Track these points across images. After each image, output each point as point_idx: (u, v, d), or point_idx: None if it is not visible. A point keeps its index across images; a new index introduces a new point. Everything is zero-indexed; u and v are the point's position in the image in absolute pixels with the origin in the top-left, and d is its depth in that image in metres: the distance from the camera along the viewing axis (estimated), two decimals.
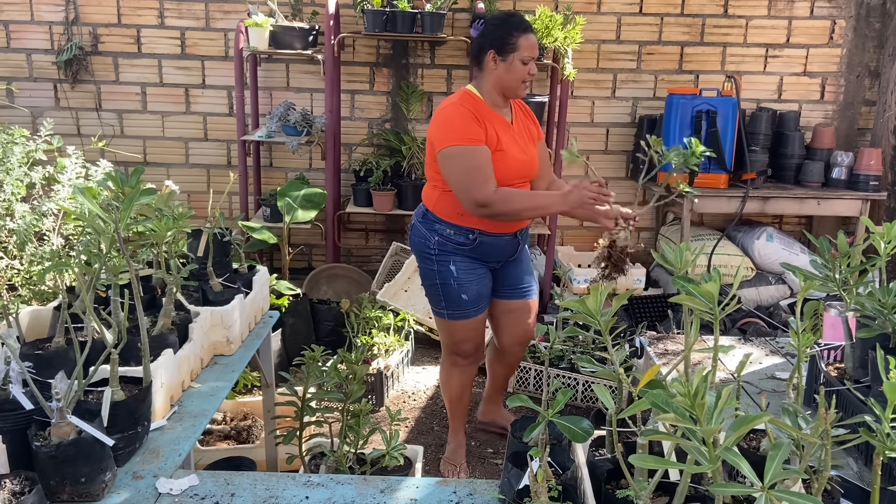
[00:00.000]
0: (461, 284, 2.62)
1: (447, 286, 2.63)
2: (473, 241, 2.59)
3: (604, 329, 1.36)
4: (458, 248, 2.60)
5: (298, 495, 1.55)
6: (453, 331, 2.74)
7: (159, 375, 1.75)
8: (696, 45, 4.58)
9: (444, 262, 2.62)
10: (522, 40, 2.48)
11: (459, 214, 2.56)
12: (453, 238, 2.59)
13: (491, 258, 2.67)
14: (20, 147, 3.76)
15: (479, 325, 2.75)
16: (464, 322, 2.70)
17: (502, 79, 2.52)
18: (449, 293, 2.64)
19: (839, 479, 1.41)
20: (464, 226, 2.57)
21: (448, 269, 2.61)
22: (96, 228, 1.56)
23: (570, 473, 1.45)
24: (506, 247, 2.67)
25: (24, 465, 1.43)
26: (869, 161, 4.23)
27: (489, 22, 2.58)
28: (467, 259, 2.63)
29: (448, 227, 2.59)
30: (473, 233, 2.58)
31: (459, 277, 2.62)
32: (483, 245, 2.61)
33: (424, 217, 2.66)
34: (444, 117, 2.51)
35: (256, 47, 4.10)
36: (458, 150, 2.43)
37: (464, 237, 2.58)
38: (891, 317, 1.71)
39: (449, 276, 2.62)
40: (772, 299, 4.33)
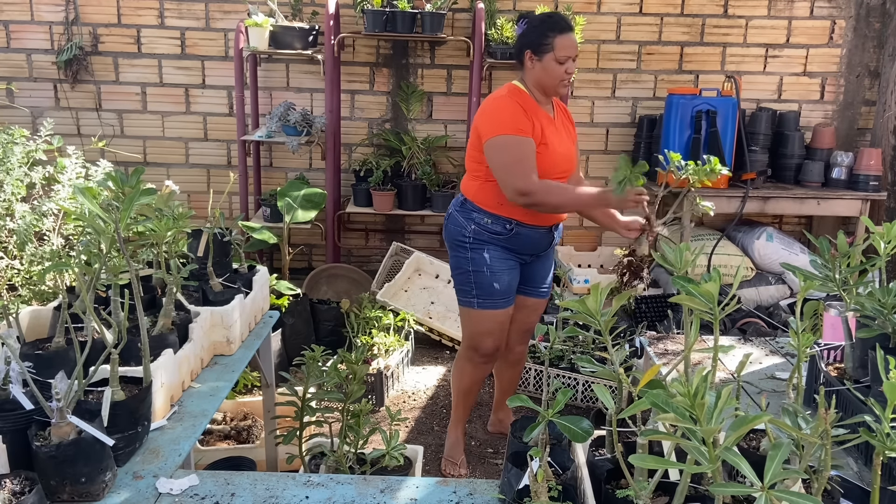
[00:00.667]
0: (494, 273, 2.66)
1: (480, 274, 2.67)
2: (510, 231, 2.64)
3: (604, 329, 1.36)
4: (494, 237, 2.64)
5: (298, 495, 1.55)
6: (480, 321, 2.74)
7: (159, 375, 1.75)
8: (696, 45, 4.58)
9: (479, 250, 2.66)
10: (559, 41, 2.53)
11: (499, 204, 2.61)
12: (490, 227, 2.64)
13: (525, 250, 2.71)
14: (20, 147, 3.76)
15: (504, 319, 2.77)
16: (492, 313, 2.72)
17: (540, 77, 2.58)
18: (481, 281, 2.68)
19: (839, 479, 1.41)
20: (502, 215, 2.62)
21: (482, 257, 2.66)
22: (96, 228, 1.56)
23: (570, 473, 1.45)
24: (541, 240, 2.72)
25: (24, 465, 1.43)
26: (869, 161, 4.23)
27: (530, 22, 2.64)
28: (501, 249, 2.67)
29: (486, 216, 2.64)
30: (511, 223, 2.63)
31: (493, 265, 2.66)
32: (519, 236, 2.65)
33: (462, 206, 2.70)
34: (493, 108, 2.57)
35: (256, 47, 4.10)
36: (506, 140, 2.49)
37: (501, 226, 2.63)
38: (891, 317, 1.71)
39: (482, 264, 2.66)
40: (772, 299, 4.33)
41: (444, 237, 2.81)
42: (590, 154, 4.70)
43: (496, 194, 2.61)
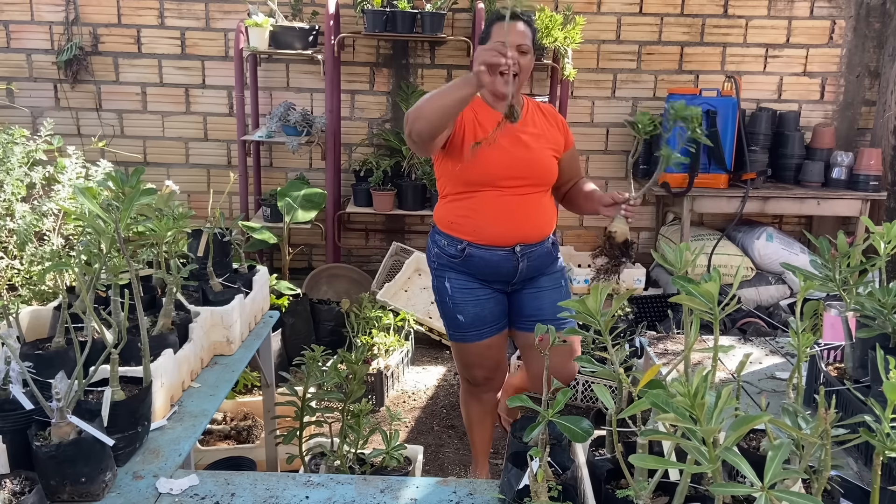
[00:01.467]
0: (456, 304, 2.40)
1: (444, 304, 2.44)
2: (462, 252, 2.35)
3: (604, 329, 1.36)
4: (451, 261, 2.39)
5: (298, 495, 1.55)
6: (458, 353, 2.54)
7: (159, 375, 1.75)
8: (696, 45, 4.58)
9: (441, 278, 2.42)
10: (495, 29, 2.29)
11: (450, 222, 2.37)
12: (447, 250, 2.38)
13: (486, 276, 2.39)
14: (20, 147, 3.76)
15: (484, 352, 2.47)
16: (463, 346, 2.47)
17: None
18: (445, 312, 2.45)
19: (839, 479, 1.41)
20: (454, 235, 2.36)
21: (444, 286, 2.41)
22: (96, 228, 1.56)
23: (570, 473, 1.45)
24: (500, 264, 2.35)
25: (24, 465, 1.43)
26: (869, 161, 4.23)
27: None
28: (462, 276, 2.40)
29: (442, 238, 2.40)
30: (461, 243, 2.34)
31: (454, 296, 2.40)
32: (472, 259, 2.35)
33: (433, 228, 2.49)
34: None
35: (256, 47, 4.11)
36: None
37: (454, 248, 2.36)
38: (891, 317, 1.71)
39: (444, 294, 2.42)
40: (772, 299, 4.33)
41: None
42: (590, 154, 4.70)
43: (447, 210, 2.38)
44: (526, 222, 2.35)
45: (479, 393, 2.60)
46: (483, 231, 2.32)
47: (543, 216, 2.41)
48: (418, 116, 2.10)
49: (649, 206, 4.82)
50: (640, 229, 4.86)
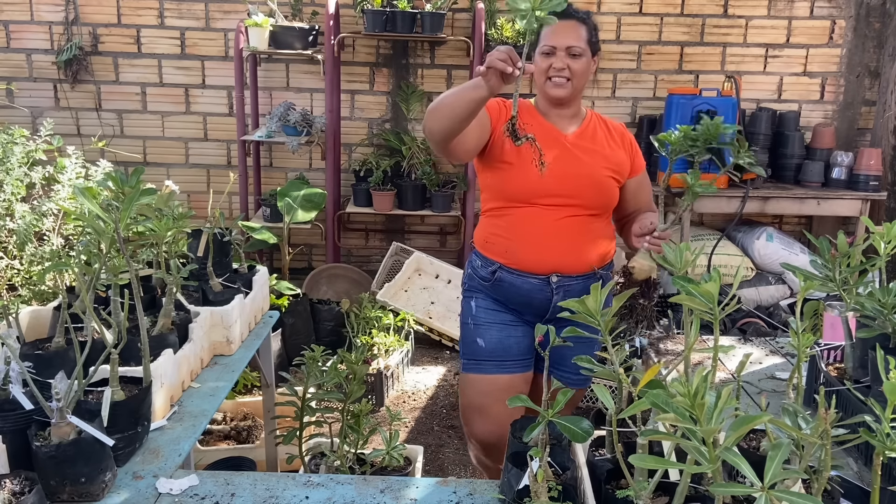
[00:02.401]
0: (478, 325, 2.17)
1: (465, 326, 2.22)
2: (493, 275, 2.14)
3: (604, 329, 1.36)
4: (482, 284, 2.19)
5: (298, 495, 1.55)
6: (465, 389, 2.23)
7: (159, 375, 1.75)
8: (696, 45, 4.58)
9: (469, 298, 2.23)
10: (546, 29, 2.05)
11: (485, 241, 2.18)
12: (479, 271, 2.19)
13: (516, 304, 2.16)
14: (20, 147, 3.76)
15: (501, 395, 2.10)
16: (476, 378, 2.17)
17: (536, 79, 2.13)
18: (465, 335, 2.22)
19: (839, 479, 1.41)
20: (487, 256, 2.16)
21: (469, 306, 2.22)
22: (96, 228, 1.56)
23: (570, 473, 1.45)
24: (532, 294, 2.11)
25: (24, 465, 1.43)
26: (869, 161, 4.23)
27: None
28: (490, 301, 2.19)
29: (478, 258, 2.21)
30: (493, 265, 2.14)
31: (478, 316, 2.18)
32: (502, 284, 2.13)
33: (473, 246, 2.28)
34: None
35: (256, 47, 4.11)
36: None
37: (486, 271, 2.16)
38: (891, 317, 1.71)
39: (468, 314, 2.21)
40: (772, 299, 4.33)
41: None
42: None
43: (486, 228, 2.18)
44: (566, 249, 2.09)
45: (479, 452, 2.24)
46: (516, 253, 2.09)
47: (590, 245, 2.12)
48: (432, 114, 1.95)
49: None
50: None
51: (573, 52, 2.05)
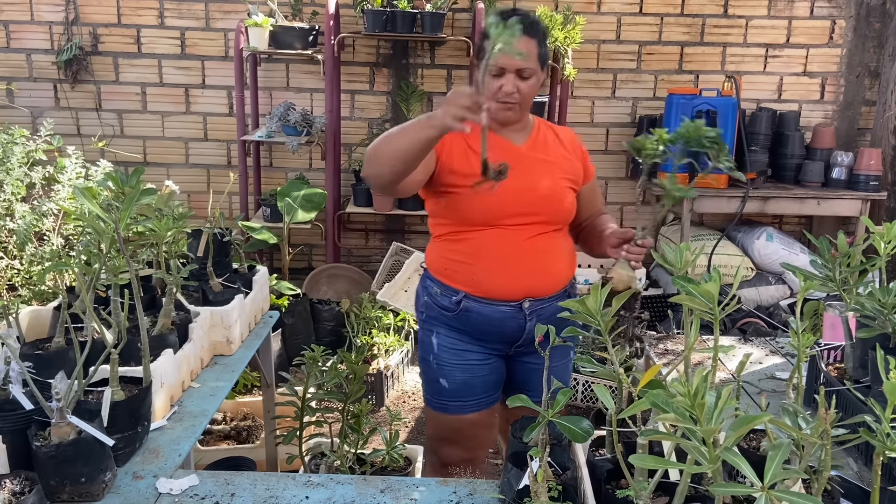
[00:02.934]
0: (440, 365, 2.00)
1: (425, 363, 2.04)
2: (458, 305, 1.95)
3: (604, 329, 1.36)
4: (444, 314, 1.98)
5: (298, 495, 1.55)
6: (430, 423, 2.11)
7: (159, 375, 1.75)
8: (696, 45, 4.58)
9: (428, 332, 2.02)
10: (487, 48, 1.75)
11: (444, 268, 1.98)
12: (439, 300, 1.98)
13: (485, 336, 1.98)
14: (20, 147, 3.76)
15: (462, 427, 2.03)
16: (439, 416, 2.05)
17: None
18: (426, 372, 2.05)
19: (839, 479, 1.41)
20: (448, 284, 1.96)
21: (430, 342, 2.01)
22: (96, 228, 1.56)
23: (570, 473, 1.45)
24: (504, 322, 1.95)
25: (24, 465, 1.43)
26: (869, 161, 4.23)
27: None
28: (454, 333, 1.99)
29: (435, 285, 1.99)
30: (457, 294, 1.94)
31: (439, 356, 2.00)
32: (469, 314, 1.94)
33: (424, 272, 2.09)
34: None
35: (256, 47, 4.10)
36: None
37: (448, 300, 1.96)
38: (891, 317, 1.70)
39: (429, 351, 2.02)
40: (772, 299, 4.33)
41: None
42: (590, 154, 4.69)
43: (440, 252, 1.99)
44: (537, 270, 1.95)
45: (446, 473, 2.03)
46: (483, 281, 1.92)
47: (560, 262, 2.01)
48: (377, 159, 1.76)
49: (649, 207, 4.81)
50: None
51: (523, 75, 1.87)
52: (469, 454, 2.07)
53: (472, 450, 2.09)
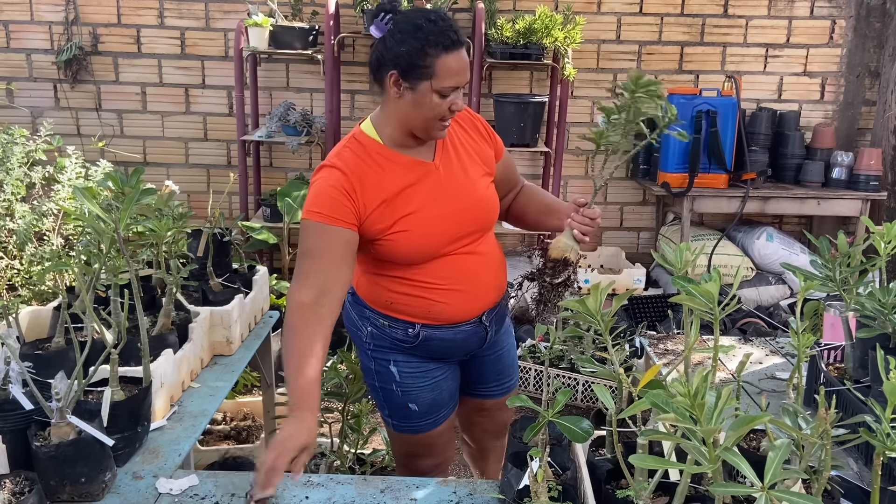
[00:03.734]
0: (406, 392, 1.91)
1: (388, 392, 1.93)
2: (415, 337, 1.85)
3: (604, 329, 1.36)
4: (398, 343, 1.87)
5: (298, 495, 1.55)
6: (400, 444, 2.04)
7: (159, 375, 1.75)
8: (696, 45, 4.58)
9: (383, 361, 1.90)
10: (442, 62, 1.63)
11: (389, 302, 1.84)
12: (389, 332, 1.86)
13: (449, 355, 1.94)
14: (20, 147, 3.76)
15: (433, 441, 2.01)
16: (413, 437, 1.98)
17: (408, 115, 1.71)
18: (391, 400, 1.93)
19: (839, 479, 1.41)
20: (399, 318, 1.84)
21: (388, 371, 1.90)
22: (96, 228, 1.56)
23: (570, 473, 1.45)
24: (468, 339, 1.91)
25: (24, 465, 1.43)
26: (869, 161, 4.23)
27: (398, 24, 1.68)
28: (414, 359, 1.89)
29: (381, 318, 1.86)
30: (414, 327, 1.84)
31: (404, 383, 1.90)
32: (431, 343, 1.86)
33: (353, 298, 1.93)
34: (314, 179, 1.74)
35: (256, 47, 4.10)
36: (306, 224, 1.69)
37: (402, 332, 1.85)
38: (891, 317, 1.71)
39: (390, 380, 1.91)
40: (772, 299, 4.33)
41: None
42: (590, 154, 4.70)
43: (383, 290, 1.84)
44: (490, 282, 1.89)
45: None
46: (443, 311, 1.83)
47: (500, 263, 1.95)
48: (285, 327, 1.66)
49: (649, 206, 4.82)
50: (640, 229, 4.86)
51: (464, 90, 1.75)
52: (441, 458, 2.06)
53: (444, 453, 2.07)
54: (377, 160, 1.74)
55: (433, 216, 1.76)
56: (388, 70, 1.67)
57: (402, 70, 1.66)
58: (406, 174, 1.75)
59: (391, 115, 1.74)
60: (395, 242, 1.75)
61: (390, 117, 1.75)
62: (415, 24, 1.65)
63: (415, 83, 1.66)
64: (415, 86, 1.66)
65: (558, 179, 4.43)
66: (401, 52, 1.64)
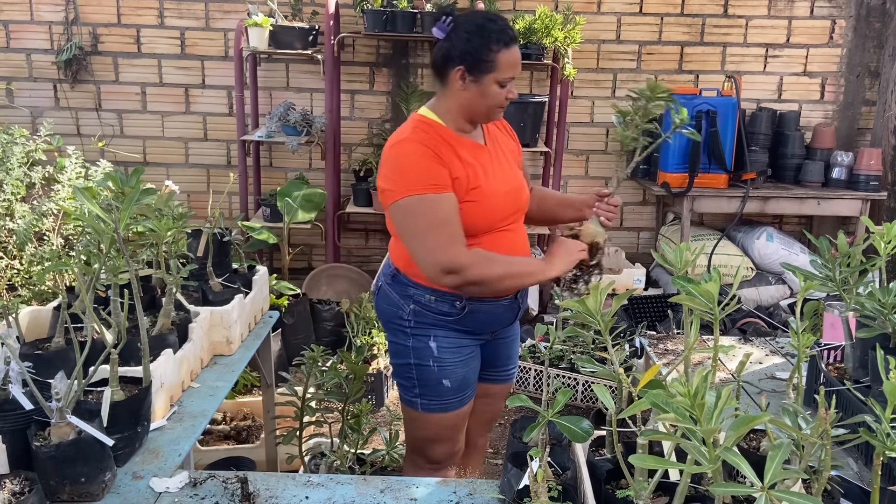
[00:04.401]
0: (443, 367, 2.01)
1: (424, 368, 2.02)
2: (462, 310, 1.99)
3: (604, 329, 1.36)
4: (441, 318, 2.00)
5: (298, 495, 1.55)
6: (424, 426, 2.09)
7: (159, 375, 1.75)
8: (696, 45, 4.58)
9: (422, 338, 2.01)
10: (503, 56, 1.87)
11: None
12: (434, 306, 1.99)
13: (484, 330, 2.08)
14: (20, 147, 3.76)
15: (458, 423, 2.11)
16: (440, 417, 2.06)
17: (473, 104, 1.93)
18: (426, 378, 2.03)
19: (839, 479, 1.41)
20: (448, 291, 1.96)
21: (427, 347, 2.00)
22: (96, 228, 1.56)
23: (570, 473, 1.45)
24: (504, 314, 2.08)
25: (24, 465, 1.43)
26: (869, 161, 4.23)
27: (462, 25, 1.90)
28: (453, 333, 2.02)
29: (427, 293, 1.98)
30: (461, 300, 1.98)
31: (441, 358, 2.00)
32: (475, 315, 2.01)
33: (395, 279, 2.05)
34: (394, 158, 1.91)
35: (256, 47, 4.10)
36: (416, 201, 1.84)
37: (448, 305, 1.98)
38: (891, 317, 1.70)
39: (427, 356, 2.01)
40: (772, 299, 4.33)
41: (377, 314, 2.16)
42: (590, 154, 4.70)
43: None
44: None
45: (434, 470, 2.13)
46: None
47: (529, 245, 2.15)
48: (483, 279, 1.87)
49: (649, 206, 4.82)
50: (640, 229, 4.86)
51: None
52: (456, 447, 2.15)
53: (459, 441, 2.16)
54: (447, 140, 1.93)
55: (492, 192, 1.95)
56: (454, 66, 1.90)
57: (468, 65, 1.88)
58: (470, 153, 1.95)
59: (454, 103, 1.95)
60: (464, 213, 1.90)
61: (453, 106, 1.95)
62: (478, 25, 1.89)
63: (479, 76, 1.89)
64: (479, 78, 1.89)
65: (558, 179, 4.43)
66: (467, 50, 1.87)
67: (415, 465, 2.17)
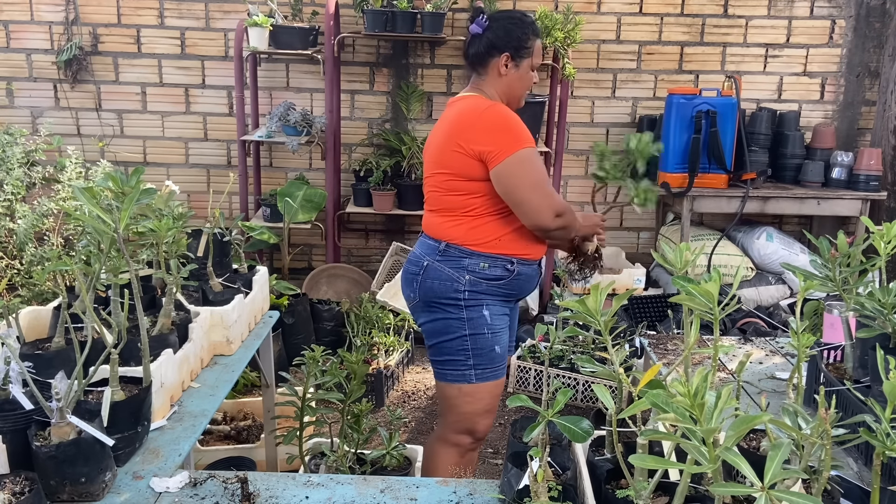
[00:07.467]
0: (495, 333, 2.17)
1: (479, 338, 2.15)
2: (511, 272, 2.18)
3: (604, 329, 1.36)
4: (492, 285, 2.17)
5: (298, 495, 1.55)
6: (478, 398, 2.20)
7: (159, 375, 1.75)
8: (696, 45, 4.58)
9: (476, 307, 2.15)
10: (537, 45, 2.23)
11: (497, 239, 2.17)
12: (488, 273, 2.15)
13: (522, 293, 2.28)
14: (20, 147, 3.76)
15: (502, 391, 2.28)
16: (493, 385, 2.20)
17: (513, 86, 2.23)
18: (480, 347, 2.16)
19: (839, 479, 1.41)
20: (502, 254, 2.16)
21: (481, 316, 2.15)
22: (96, 228, 1.56)
23: (570, 473, 1.45)
24: (535, 278, 2.30)
25: (24, 465, 1.43)
26: (869, 161, 4.23)
27: (501, 20, 2.22)
28: (498, 300, 2.20)
29: (483, 260, 2.15)
30: (512, 262, 2.17)
31: (493, 325, 2.17)
32: (520, 277, 2.20)
33: (445, 254, 2.17)
34: (494, 118, 2.11)
35: (256, 47, 4.11)
36: (531, 153, 2.10)
37: (501, 269, 2.16)
38: (891, 317, 1.70)
39: (482, 325, 2.15)
40: (772, 299, 4.33)
41: (419, 297, 2.22)
42: (590, 154, 4.70)
43: (495, 229, 2.16)
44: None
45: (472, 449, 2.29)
46: (530, 246, 2.21)
47: None
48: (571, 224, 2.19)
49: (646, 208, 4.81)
50: (640, 229, 4.86)
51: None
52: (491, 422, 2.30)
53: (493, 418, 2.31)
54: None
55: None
56: (500, 52, 2.19)
57: (513, 51, 2.19)
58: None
59: (500, 88, 2.23)
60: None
61: (497, 90, 2.23)
62: (517, 17, 2.24)
63: (519, 61, 2.21)
64: (519, 63, 2.21)
65: (558, 179, 4.43)
66: (512, 37, 2.19)
67: (457, 447, 2.24)
